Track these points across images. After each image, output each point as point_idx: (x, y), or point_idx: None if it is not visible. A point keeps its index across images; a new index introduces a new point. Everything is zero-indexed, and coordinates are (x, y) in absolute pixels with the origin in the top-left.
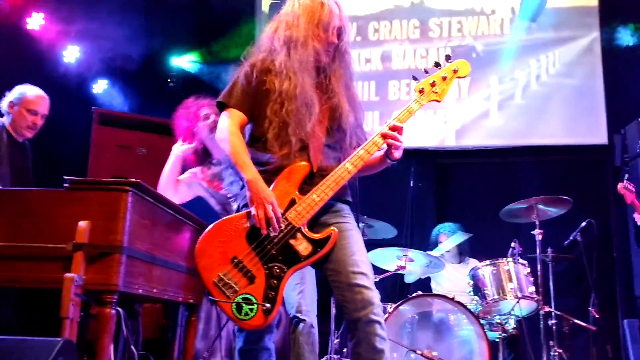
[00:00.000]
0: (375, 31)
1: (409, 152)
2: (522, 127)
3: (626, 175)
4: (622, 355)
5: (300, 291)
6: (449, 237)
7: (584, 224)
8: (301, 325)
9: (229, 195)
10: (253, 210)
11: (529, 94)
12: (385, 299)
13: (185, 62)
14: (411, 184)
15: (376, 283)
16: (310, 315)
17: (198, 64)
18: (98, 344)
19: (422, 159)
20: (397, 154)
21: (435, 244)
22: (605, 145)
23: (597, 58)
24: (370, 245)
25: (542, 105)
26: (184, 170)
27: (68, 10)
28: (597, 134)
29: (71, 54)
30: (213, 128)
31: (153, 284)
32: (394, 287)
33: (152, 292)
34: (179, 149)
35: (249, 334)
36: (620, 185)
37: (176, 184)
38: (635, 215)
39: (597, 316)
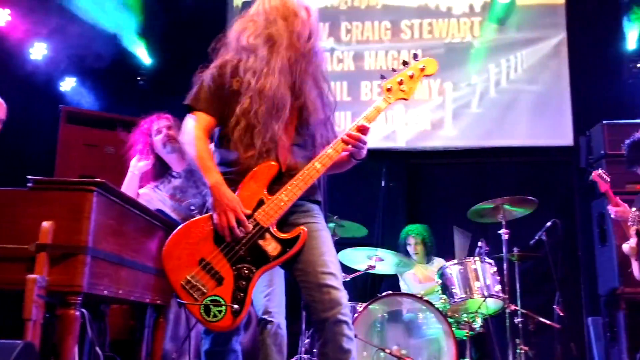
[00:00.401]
0: (348, 32)
1: (380, 153)
2: (491, 128)
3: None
4: (587, 352)
5: (268, 292)
6: (416, 240)
7: (549, 223)
8: (269, 326)
9: (191, 208)
10: (215, 217)
11: (498, 95)
12: (355, 299)
13: (153, 59)
14: (382, 184)
15: (347, 283)
16: (278, 316)
17: (167, 61)
18: (62, 346)
19: (393, 159)
20: (362, 153)
21: (404, 246)
22: (570, 146)
23: (564, 60)
24: (341, 245)
25: (509, 107)
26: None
27: (35, 6)
28: (563, 135)
29: (38, 51)
30: (167, 142)
31: (119, 285)
32: (365, 287)
33: (117, 294)
34: (136, 166)
35: (216, 336)
36: (595, 173)
37: (135, 198)
38: (609, 208)
39: (561, 314)
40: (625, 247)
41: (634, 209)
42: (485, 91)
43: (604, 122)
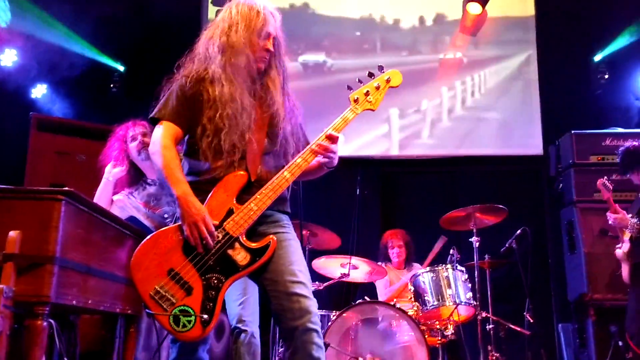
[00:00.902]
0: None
1: (355, 161)
2: (463, 138)
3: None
4: (557, 358)
5: (242, 301)
6: (399, 243)
7: (519, 231)
8: (242, 335)
9: (165, 216)
10: (185, 228)
11: (470, 105)
12: (330, 307)
13: (126, 66)
14: (357, 193)
15: (321, 291)
16: (252, 325)
17: (140, 68)
18: (29, 357)
19: (368, 168)
20: (333, 162)
21: (385, 250)
22: (540, 155)
23: (534, 71)
24: (315, 253)
25: (481, 117)
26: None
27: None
28: (532, 145)
29: (8, 58)
30: (141, 149)
31: (88, 295)
32: (340, 295)
33: (87, 304)
34: (111, 172)
35: (183, 345)
36: (599, 181)
37: (109, 205)
38: (609, 214)
39: (532, 321)
40: (619, 252)
41: (629, 215)
42: (459, 102)
43: (573, 132)
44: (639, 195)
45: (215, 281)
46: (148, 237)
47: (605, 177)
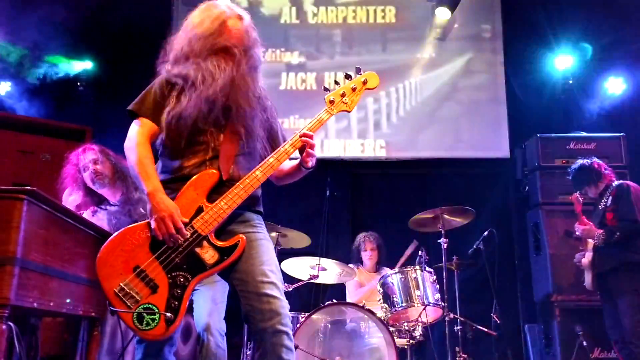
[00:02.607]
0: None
1: (325, 162)
2: (432, 141)
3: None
4: (523, 358)
5: (209, 308)
6: (373, 245)
7: (486, 233)
8: (207, 344)
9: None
10: (153, 223)
11: (438, 109)
12: (299, 308)
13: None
14: (327, 194)
15: (290, 292)
16: (217, 334)
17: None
18: None
19: (338, 169)
20: (311, 162)
21: (357, 251)
22: (507, 158)
23: (501, 75)
24: (284, 254)
25: (450, 121)
26: None
27: None
28: (499, 148)
29: None
30: (95, 179)
31: (49, 297)
32: (309, 296)
33: (48, 306)
34: (67, 201)
35: (149, 346)
36: (574, 196)
37: None
38: (577, 225)
39: (498, 322)
40: (585, 261)
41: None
42: (427, 105)
43: (538, 135)
44: (599, 206)
45: (182, 279)
46: (115, 233)
47: (578, 192)
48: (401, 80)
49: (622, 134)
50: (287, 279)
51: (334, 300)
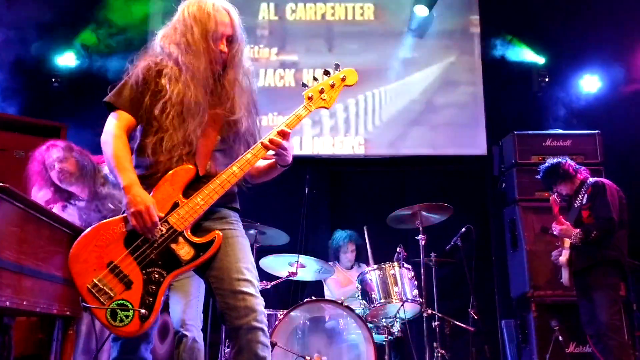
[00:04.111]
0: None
1: (304, 160)
2: (411, 139)
3: (556, 192)
4: (500, 354)
5: (185, 304)
6: (353, 246)
7: (463, 229)
8: (184, 339)
9: None
10: (129, 216)
11: (417, 107)
12: (278, 306)
13: (70, 59)
14: (306, 191)
15: (268, 290)
16: (194, 329)
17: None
18: None
19: (316, 167)
20: (287, 159)
21: (336, 251)
22: (484, 155)
23: (479, 75)
24: (263, 252)
25: (428, 118)
26: None
27: None
28: (477, 145)
29: None
30: (62, 179)
31: (22, 295)
32: (288, 294)
33: (21, 305)
34: (36, 197)
35: (125, 343)
36: (552, 198)
37: None
38: (554, 225)
39: (476, 317)
40: (563, 259)
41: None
42: (406, 103)
43: (515, 132)
44: (574, 204)
45: (157, 276)
46: (89, 228)
47: (556, 194)
48: (380, 79)
49: (597, 131)
50: (266, 276)
51: (313, 298)
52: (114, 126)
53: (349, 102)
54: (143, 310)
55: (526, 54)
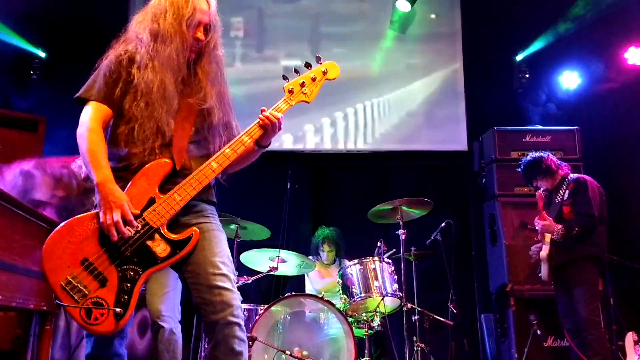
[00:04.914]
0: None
1: (286, 154)
2: (392, 134)
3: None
4: (480, 348)
5: (161, 295)
6: (330, 247)
7: (443, 224)
8: (161, 331)
9: None
10: (101, 215)
11: (398, 103)
12: (259, 300)
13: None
14: (288, 186)
15: (249, 285)
16: (172, 320)
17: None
18: None
19: (298, 162)
20: (269, 139)
21: (316, 249)
22: (465, 151)
23: (459, 71)
24: (244, 246)
25: (409, 114)
26: None
27: None
28: (458, 141)
29: None
30: (62, 211)
31: None
32: (270, 288)
33: None
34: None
35: (98, 340)
36: (538, 193)
37: None
38: (536, 220)
39: (455, 311)
40: (543, 254)
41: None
42: (387, 99)
43: (495, 128)
44: (555, 200)
45: (132, 273)
46: (62, 224)
47: (542, 190)
48: (361, 74)
49: (576, 127)
50: (247, 271)
51: (293, 292)
52: (89, 119)
53: (332, 98)
54: (118, 309)
55: (505, 51)
